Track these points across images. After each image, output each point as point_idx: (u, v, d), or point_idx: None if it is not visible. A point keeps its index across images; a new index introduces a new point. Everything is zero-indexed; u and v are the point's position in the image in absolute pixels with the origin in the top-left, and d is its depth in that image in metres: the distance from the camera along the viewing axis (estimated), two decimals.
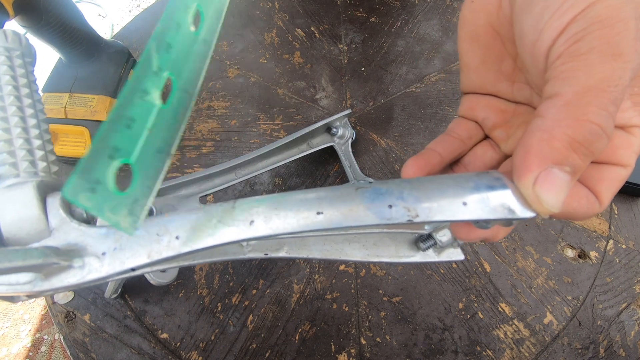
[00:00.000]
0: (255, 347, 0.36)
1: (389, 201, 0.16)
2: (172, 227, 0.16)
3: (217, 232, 0.16)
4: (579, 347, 0.36)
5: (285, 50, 0.55)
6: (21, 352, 1.01)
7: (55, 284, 0.16)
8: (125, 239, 0.16)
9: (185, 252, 0.16)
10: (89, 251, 0.16)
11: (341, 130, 0.44)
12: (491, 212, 0.15)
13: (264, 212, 0.16)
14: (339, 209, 0.16)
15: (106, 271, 0.16)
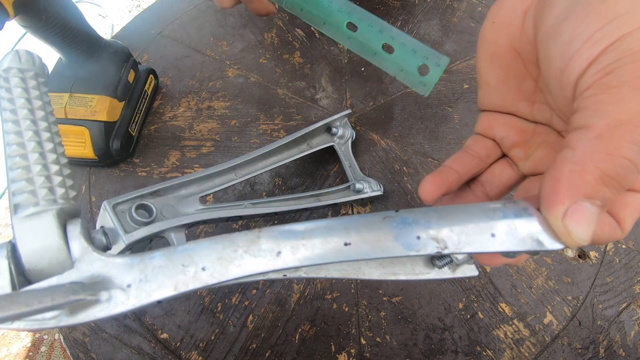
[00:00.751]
0: (255, 347, 0.36)
1: (416, 232, 0.16)
2: (197, 257, 0.16)
3: (244, 264, 0.16)
4: (579, 347, 0.36)
5: (285, 50, 0.55)
6: (21, 352, 1.01)
7: (80, 319, 0.15)
8: (150, 270, 0.16)
9: (212, 283, 0.16)
10: (115, 283, 0.16)
11: (341, 130, 0.44)
12: (520, 243, 0.15)
13: (290, 243, 0.16)
14: (367, 239, 0.16)
15: (132, 304, 0.16)
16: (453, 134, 0.48)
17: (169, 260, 0.16)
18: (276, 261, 0.16)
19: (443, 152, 0.47)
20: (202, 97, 0.51)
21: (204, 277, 0.16)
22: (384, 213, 0.16)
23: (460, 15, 0.59)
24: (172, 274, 0.16)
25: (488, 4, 0.61)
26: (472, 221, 0.16)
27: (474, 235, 0.15)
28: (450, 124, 0.49)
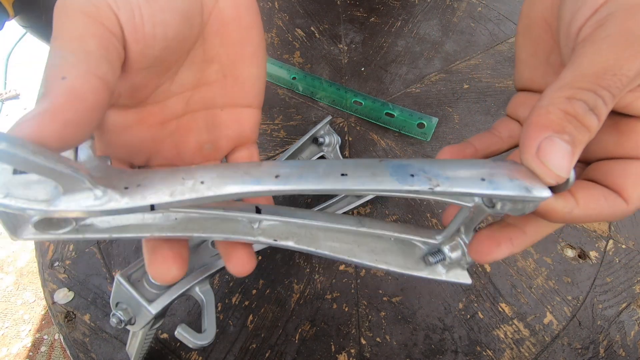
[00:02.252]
0: (255, 347, 0.36)
1: (411, 171, 0.16)
2: (199, 174, 0.17)
3: (242, 182, 0.16)
4: (579, 347, 0.36)
5: (285, 50, 0.55)
6: (21, 352, 1.01)
7: (72, 206, 0.15)
8: (149, 179, 0.16)
9: (208, 196, 0.16)
10: (112, 184, 0.16)
11: (327, 138, 0.44)
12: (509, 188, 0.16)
13: (289, 170, 0.16)
14: (364, 172, 0.16)
15: (126, 203, 0.16)
16: (453, 134, 0.48)
17: (171, 174, 0.17)
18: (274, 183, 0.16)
19: None
20: None
21: (201, 189, 0.16)
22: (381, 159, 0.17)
23: (460, 15, 0.59)
24: (170, 183, 0.16)
25: (488, 4, 0.61)
26: (464, 168, 0.17)
27: (465, 178, 0.16)
28: (450, 124, 0.49)
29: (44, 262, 0.41)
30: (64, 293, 0.39)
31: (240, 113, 0.25)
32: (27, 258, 1.14)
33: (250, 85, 0.24)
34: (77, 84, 0.15)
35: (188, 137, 0.23)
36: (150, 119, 0.21)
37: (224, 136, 0.24)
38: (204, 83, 0.23)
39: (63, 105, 0.14)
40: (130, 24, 0.18)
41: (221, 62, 0.23)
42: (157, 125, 0.22)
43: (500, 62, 0.55)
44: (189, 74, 0.22)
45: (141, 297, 0.27)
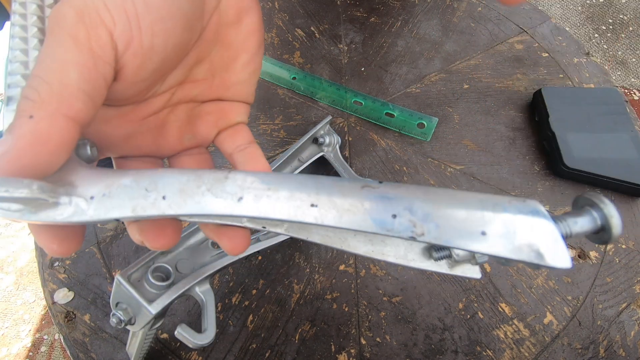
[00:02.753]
0: (255, 347, 0.36)
1: (394, 209, 0.13)
2: (161, 184, 0.16)
3: (203, 201, 0.15)
4: (579, 347, 0.36)
5: (285, 50, 0.55)
6: (21, 352, 1.01)
7: (41, 218, 0.15)
8: (115, 187, 0.16)
9: (168, 214, 0.16)
10: (78, 192, 0.16)
11: (327, 138, 0.44)
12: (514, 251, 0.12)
13: (255, 190, 0.15)
14: (336, 206, 0.14)
15: (90, 216, 0.15)
16: (453, 134, 0.48)
17: (135, 182, 0.16)
18: (235, 206, 0.15)
19: (443, 152, 0.47)
20: None
21: (162, 206, 0.16)
22: (366, 181, 0.15)
23: (460, 15, 0.59)
24: (134, 196, 0.16)
25: (488, 4, 0.61)
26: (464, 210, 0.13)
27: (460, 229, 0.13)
28: (450, 124, 0.49)
29: (44, 262, 0.41)
30: (64, 293, 0.39)
31: (223, 106, 0.24)
32: (27, 258, 1.14)
33: (238, 89, 0.24)
34: (41, 127, 0.15)
35: (168, 130, 0.22)
36: (130, 115, 0.21)
37: (204, 125, 0.24)
38: (190, 80, 0.22)
39: (23, 150, 0.14)
40: (127, 38, 0.17)
41: (212, 62, 0.22)
42: (136, 121, 0.21)
43: (500, 62, 0.55)
44: (178, 73, 0.21)
45: (141, 297, 0.27)
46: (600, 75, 0.54)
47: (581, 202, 0.15)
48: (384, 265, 0.40)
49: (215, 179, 0.16)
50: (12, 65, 0.17)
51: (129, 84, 0.18)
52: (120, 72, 0.18)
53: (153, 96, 0.21)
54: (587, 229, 0.14)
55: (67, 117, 0.15)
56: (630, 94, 1.47)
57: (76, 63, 0.15)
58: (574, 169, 0.43)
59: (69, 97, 0.15)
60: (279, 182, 0.15)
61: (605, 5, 1.72)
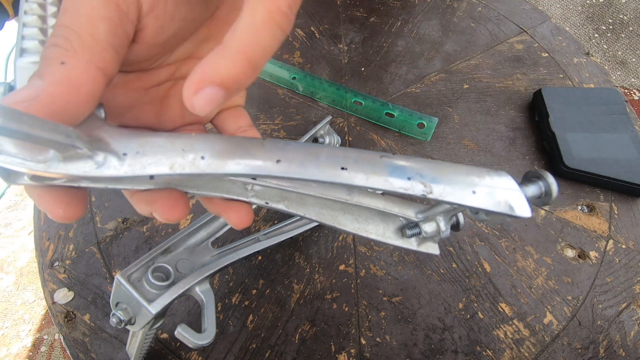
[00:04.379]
0: (255, 347, 0.36)
1: (409, 173, 0.17)
2: (199, 146, 0.16)
3: (243, 162, 0.16)
4: (579, 347, 0.36)
5: (285, 50, 0.55)
6: (21, 352, 1.01)
7: (70, 170, 0.15)
8: (149, 146, 0.16)
9: (208, 172, 0.16)
10: (111, 148, 0.16)
11: (327, 138, 0.44)
12: (495, 205, 0.17)
13: (292, 155, 0.16)
14: (363, 168, 0.17)
15: (125, 171, 0.15)
16: (453, 134, 0.48)
17: (170, 143, 0.16)
18: (275, 167, 0.16)
19: (443, 151, 0.47)
20: None
21: (201, 165, 0.16)
22: (382, 153, 0.17)
23: (460, 15, 0.59)
24: (170, 155, 0.16)
25: (488, 4, 0.61)
26: (460, 176, 0.17)
27: (457, 188, 0.17)
28: (450, 124, 0.49)
29: (44, 262, 0.41)
30: (64, 293, 0.39)
31: None
32: (27, 258, 1.14)
33: None
34: (74, 74, 0.15)
35: (170, 103, 0.23)
36: (135, 83, 0.21)
37: None
38: (196, 56, 0.23)
39: (55, 95, 0.14)
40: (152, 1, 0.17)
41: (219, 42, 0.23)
42: (140, 90, 0.21)
43: (500, 62, 0.55)
44: (187, 47, 0.22)
45: (141, 297, 0.27)
46: (600, 75, 0.54)
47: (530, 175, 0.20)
48: (383, 265, 0.40)
49: (253, 144, 0.17)
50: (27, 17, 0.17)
51: (145, 46, 0.19)
52: (139, 34, 0.18)
53: (159, 67, 0.21)
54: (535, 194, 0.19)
55: (98, 68, 0.15)
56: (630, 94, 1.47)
57: (104, 17, 0.16)
58: (574, 169, 0.43)
59: (100, 49, 0.15)
60: (312, 149, 0.17)
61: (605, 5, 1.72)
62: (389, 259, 0.40)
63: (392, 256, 0.41)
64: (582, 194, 0.45)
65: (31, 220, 1.06)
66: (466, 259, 0.40)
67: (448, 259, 0.40)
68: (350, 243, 0.41)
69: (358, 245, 0.41)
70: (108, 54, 0.16)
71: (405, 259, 0.40)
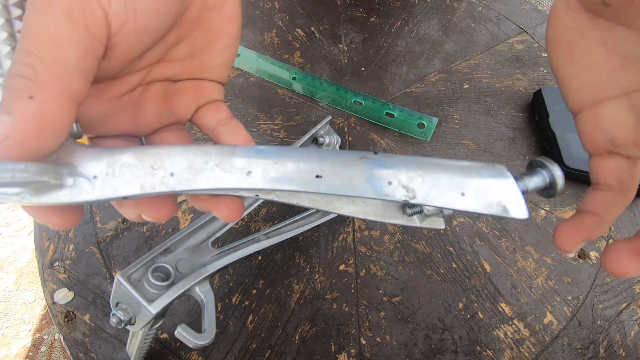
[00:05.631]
0: (255, 347, 0.36)
1: (389, 177, 0.16)
2: (168, 162, 0.16)
3: (213, 176, 0.16)
4: (579, 347, 0.36)
5: (285, 50, 0.55)
6: (21, 352, 1.01)
7: (44, 200, 0.15)
8: (117, 166, 0.16)
9: (178, 190, 0.16)
10: (80, 172, 0.16)
11: (327, 139, 0.44)
12: (486, 207, 0.15)
13: (262, 164, 0.16)
14: (339, 175, 0.16)
15: (97, 195, 0.15)
16: (453, 134, 0.48)
17: (138, 160, 0.16)
18: (245, 180, 0.16)
19: (443, 152, 0.47)
20: None
21: (171, 183, 0.16)
22: (363, 153, 0.16)
23: (460, 15, 0.59)
24: (140, 174, 0.16)
25: (488, 4, 0.61)
26: (447, 176, 0.16)
27: (444, 190, 0.16)
28: (450, 124, 0.49)
29: (44, 262, 0.41)
30: (64, 293, 0.39)
31: (200, 83, 0.24)
32: (27, 258, 1.14)
33: (215, 71, 0.24)
34: (45, 109, 0.14)
35: (144, 107, 0.22)
36: (106, 93, 0.20)
37: (183, 100, 0.23)
38: (168, 60, 0.22)
39: (28, 133, 0.14)
40: (121, 19, 0.16)
41: (191, 44, 0.22)
42: (112, 99, 0.21)
43: (500, 62, 0.55)
44: (156, 51, 0.21)
45: (141, 297, 0.27)
46: None
47: (534, 164, 0.18)
48: (383, 265, 0.40)
49: (222, 154, 0.16)
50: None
51: (117, 62, 0.18)
52: (109, 51, 0.17)
53: (129, 73, 0.21)
54: (539, 186, 0.17)
55: (69, 97, 0.15)
56: None
57: (73, 41, 0.15)
58: (574, 169, 0.43)
59: (70, 78, 0.15)
60: (284, 155, 0.16)
61: None
62: (389, 259, 0.40)
63: (392, 256, 0.41)
64: (582, 194, 0.45)
65: (31, 220, 1.06)
66: (466, 259, 0.40)
67: (448, 259, 0.40)
68: (350, 243, 0.41)
69: (358, 245, 0.41)
70: (79, 81, 0.15)
71: (405, 259, 0.40)
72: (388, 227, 0.42)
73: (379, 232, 0.42)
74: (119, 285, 0.27)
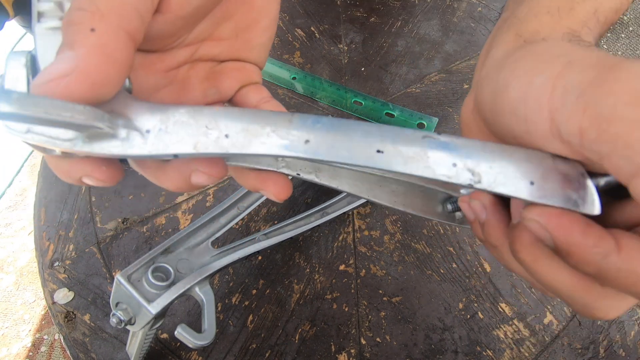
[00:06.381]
0: (255, 347, 0.36)
1: (454, 159, 0.15)
2: (223, 123, 0.16)
3: (269, 142, 0.15)
4: (579, 347, 0.36)
5: (285, 50, 0.55)
6: (21, 352, 1.01)
7: (95, 149, 0.15)
8: (171, 123, 0.16)
9: (232, 153, 0.15)
10: (134, 125, 0.15)
11: None
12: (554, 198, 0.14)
13: (321, 135, 0.15)
14: (401, 153, 0.15)
15: (149, 150, 0.15)
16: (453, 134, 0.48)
17: (192, 119, 0.16)
18: (302, 148, 0.15)
19: None
20: None
21: (225, 144, 0.15)
22: (425, 132, 0.15)
23: (460, 15, 0.59)
24: (193, 133, 0.15)
25: (488, 4, 0.61)
26: (516, 162, 0.15)
27: (512, 178, 0.14)
28: (450, 124, 0.49)
29: (44, 262, 0.41)
30: (64, 293, 0.39)
31: (244, 65, 0.24)
32: (27, 258, 1.14)
33: (257, 52, 0.24)
34: (106, 41, 0.14)
35: (191, 84, 0.22)
36: (155, 65, 0.20)
37: (228, 79, 0.24)
38: (215, 38, 0.22)
39: (92, 67, 0.13)
40: None
41: (237, 22, 0.23)
42: (160, 72, 0.21)
43: None
44: (205, 26, 0.21)
45: (141, 297, 0.27)
46: None
47: None
48: (383, 265, 0.40)
49: (280, 120, 0.16)
50: None
51: (170, 18, 0.18)
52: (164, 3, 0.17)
53: (179, 47, 0.21)
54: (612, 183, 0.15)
55: (128, 33, 0.14)
56: None
57: None
58: None
59: (128, 13, 0.14)
60: (344, 127, 0.15)
61: None
62: (389, 259, 0.40)
63: (392, 256, 0.41)
64: None
65: (31, 220, 1.06)
66: (466, 259, 0.40)
67: (448, 259, 0.40)
68: (350, 243, 0.41)
69: (358, 245, 0.41)
70: (136, 20, 0.15)
71: (406, 259, 0.40)
72: (388, 227, 0.42)
73: (379, 232, 0.42)
74: (119, 285, 0.27)
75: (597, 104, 0.12)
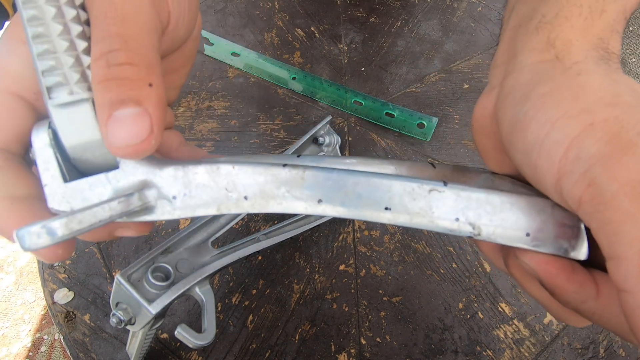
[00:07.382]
0: (255, 347, 0.36)
1: (457, 213, 0.16)
2: (241, 185, 0.17)
3: (285, 202, 0.17)
4: (579, 347, 0.36)
5: (285, 50, 0.55)
6: (21, 352, 1.01)
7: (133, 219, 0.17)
8: (194, 187, 0.17)
9: (252, 212, 0.17)
10: (161, 193, 0.17)
11: (327, 139, 0.44)
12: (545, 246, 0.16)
13: (333, 192, 0.17)
14: (407, 209, 0.16)
15: (178, 215, 0.17)
16: (453, 134, 0.48)
17: (213, 181, 0.17)
18: (315, 208, 0.17)
19: (443, 152, 0.47)
20: (202, 97, 0.51)
21: (245, 206, 0.17)
22: (431, 183, 0.16)
23: (460, 15, 0.59)
24: (216, 196, 0.17)
25: (488, 4, 0.61)
26: (515, 214, 0.16)
27: (510, 231, 0.16)
28: (450, 124, 0.49)
29: (43, 262, 0.41)
30: (64, 293, 0.39)
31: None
32: (27, 258, 1.14)
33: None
34: (162, 94, 0.15)
35: None
36: None
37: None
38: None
39: (160, 119, 0.15)
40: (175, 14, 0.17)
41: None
42: None
43: None
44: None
45: (141, 297, 0.27)
46: None
47: None
48: (383, 265, 0.40)
49: (292, 179, 0.17)
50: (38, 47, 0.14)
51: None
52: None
53: None
54: None
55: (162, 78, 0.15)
56: None
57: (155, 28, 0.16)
58: None
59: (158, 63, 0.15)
60: (353, 182, 0.17)
61: None
62: (389, 259, 0.40)
63: (392, 256, 0.41)
64: None
65: None
66: (466, 259, 0.40)
67: (448, 259, 0.40)
68: (350, 243, 0.41)
69: (358, 245, 0.41)
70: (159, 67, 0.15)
71: (406, 259, 0.40)
72: (388, 227, 0.42)
73: (379, 232, 0.42)
74: (119, 285, 0.27)
75: (601, 186, 0.13)
